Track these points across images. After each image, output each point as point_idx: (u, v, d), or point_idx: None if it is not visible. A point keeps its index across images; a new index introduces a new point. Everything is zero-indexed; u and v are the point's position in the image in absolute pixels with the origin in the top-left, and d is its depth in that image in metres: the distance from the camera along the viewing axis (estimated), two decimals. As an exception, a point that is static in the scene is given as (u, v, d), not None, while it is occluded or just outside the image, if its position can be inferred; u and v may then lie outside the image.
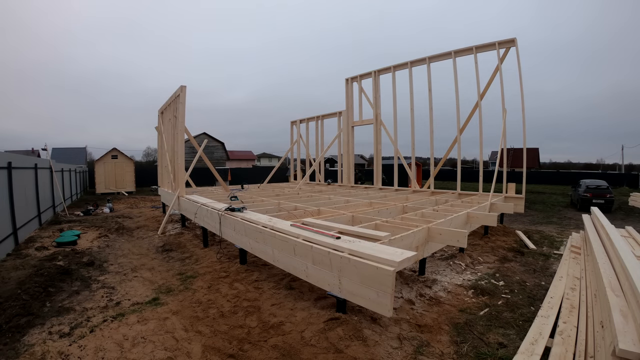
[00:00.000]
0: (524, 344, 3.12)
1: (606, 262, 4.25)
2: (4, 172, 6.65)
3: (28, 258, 6.16)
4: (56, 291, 4.60)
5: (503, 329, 3.67)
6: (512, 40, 8.68)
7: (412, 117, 10.52)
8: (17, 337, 3.41)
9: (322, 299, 4.20)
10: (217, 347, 3.25)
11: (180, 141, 9.10)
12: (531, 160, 45.47)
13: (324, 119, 14.23)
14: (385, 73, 11.41)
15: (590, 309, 3.67)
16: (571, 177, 29.03)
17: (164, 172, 11.38)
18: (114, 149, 21.32)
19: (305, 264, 3.88)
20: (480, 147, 9.59)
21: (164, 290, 4.74)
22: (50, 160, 11.95)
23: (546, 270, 5.71)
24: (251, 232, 4.96)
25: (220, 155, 42.89)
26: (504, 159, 9.36)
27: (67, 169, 14.88)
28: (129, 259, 6.28)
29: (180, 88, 8.64)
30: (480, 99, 9.36)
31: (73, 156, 31.89)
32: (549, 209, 14.58)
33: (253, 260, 5.82)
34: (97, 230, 8.86)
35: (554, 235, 8.73)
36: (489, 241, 7.53)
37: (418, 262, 5.23)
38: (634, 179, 29.69)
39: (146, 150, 61.65)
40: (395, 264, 2.99)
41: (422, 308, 4.14)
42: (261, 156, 68.90)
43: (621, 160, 40.81)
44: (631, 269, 3.09)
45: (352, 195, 9.24)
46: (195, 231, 8.50)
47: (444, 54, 9.90)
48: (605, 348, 2.58)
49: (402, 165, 11.11)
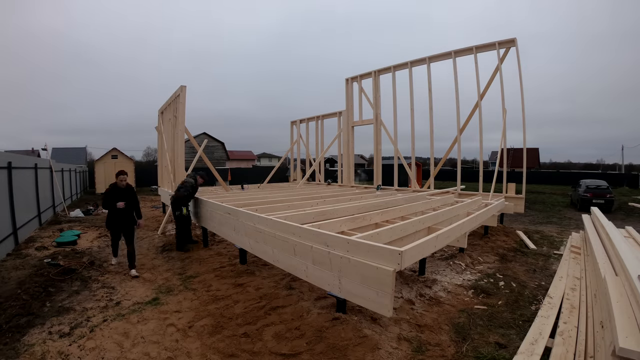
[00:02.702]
0: (524, 344, 3.12)
1: (606, 262, 4.25)
2: (4, 172, 6.66)
3: (28, 258, 6.17)
4: (56, 291, 4.60)
5: (503, 329, 3.67)
6: (512, 40, 8.68)
7: (412, 117, 10.52)
8: (17, 337, 3.41)
9: (322, 299, 4.20)
10: (217, 347, 3.25)
11: (180, 141, 9.10)
12: (531, 160, 45.48)
13: (324, 119, 14.22)
14: (385, 73, 11.41)
15: (590, 309, 3.68)
16: (571, 177, 29.00)
17: (164, 172, 11.38)
18: (114, 149, 21.33)
19: (305, 264, 3.88)
20: (480, 147, 9.59)
21: (164, 290, 4.74)
22: (50, 160, 11.95)
23: (546, 270, 5.71)
24: (251, 232, 4.96)
25: (220, 155, 42.91)
26: (504, 159, 9.36)
27: (67, 169, 14.89)
28: (129, 259, 6.27)
29: (180, 88, 8.64)
30: (480, 99, 9.36)
31: (73, 156, 31.89)
32: (549, 209, 14.58)
33: (253, 260, 5.82)
34: (97, 230, 8.86)
35: (554, 235, 8.73)
36: (489, 241, 7.53)
37: (418, 262, 5.24)
38: (634, 179, 29.68)
39: (146, 150, 61.65)
40: (395, 264, 2.99)
41: (422, 308, 4.14)
42: (261, 156, 68.92)
43: (621, 160, 40.83)
44: (631, 269, 3.09)
45: (355, 197, 9.23)
46: (195, 231, 8.49)
47: (444, 54, 9.90)
48: (605, 348, 2.58)
49: (402, 165, 11.12)
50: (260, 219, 4.76)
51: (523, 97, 8.61)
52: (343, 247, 3.41)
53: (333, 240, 3.55)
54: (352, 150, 13.08)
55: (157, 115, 12.75)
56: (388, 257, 3.05)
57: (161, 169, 12.97)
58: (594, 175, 30.20)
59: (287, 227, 4.19)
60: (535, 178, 33.00)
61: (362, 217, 5.25)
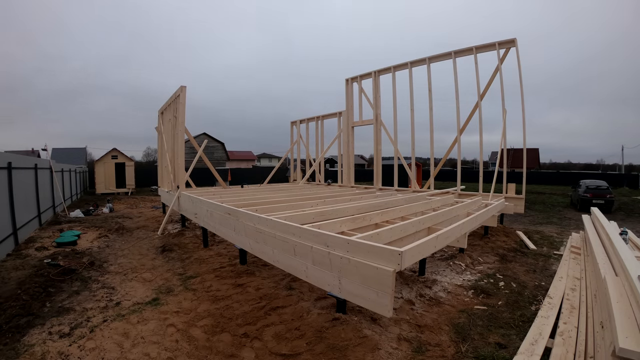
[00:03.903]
0: (524, 344, 3.12)
1: (606, 263, 4.25)
2: (4, 172, 6.66)
3: (28, 258, 6.17)
4: (56, 291, 4.60)
5: (503, 329, 3.67)
6: (512, 41, 8.69)
7: (412, 117, 10.53)
8: (17, 337, 3.41)
9: (322, 299, 4.20)
10: (217, 347, 3.26)
11: (180, 141, 9.11)
12: (531, 160, 45.48)
13: (324, 119, 14.23)
14: (385, 73, 11.41)
15: (590, 310, 3.68)
16: (571, 178, 29.02)
17: (164, 172, 11.38)
18: (114, 149, 21.32)
19: (305, 264, 3.88)
20: (481, 148, 9.59)
21: (164, 290, 4.74)
22: (50, 160, 11.95)
23: (546, 271, 5.71)
24: (251, 232, 4.96)
25: (220, 156, 42.92)
26: (504, 159, 9.36)
27: (67, 169, 14.89)
28: (129, 259, 6.28)
29: (180, 88, 8.64)
30: (480, 99, 9.36)
31: (73, 156, 31.88)
32: (549, 209, 14.58)
33: (253, 260, 5.83)
34: (97, 231, 8.86)
35: (554, 236, 8.73)
36: (489, 241, 7.53)
37: (418, 262, 5.24)
38: (634, 179, 29.67)
39: (146, 150, 61.67)
40: (395, 265, 2.99)
41: (422, 308, 4.14)
42: (261, 156, 68.93)
43: (621, 160, 40.84)
44: (631, 269, 3.09)
45: (355, 197, 9.23)
46: (196, 231, 8.49)
47: (444, 54, 9.91)
48: (605, 348, 2.58)
49: (402, 165, 11.12)
50: (260, 219, 4.76)
51: (523, 97, 8.62)
52: (343, 248, 3.41)
53: (333, 240, 3.54)
54: (352, 151, 13.08)
55: (157, 115, 12.76)
56: (388, 258, 3.05)
57: (161, 169, 12.97)
58: (594, 176, 30.22)
59: (287, 227, 4.19)
60: (535, 178, 33.01)
61: (362, 218, 5.25)
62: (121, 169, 21.21)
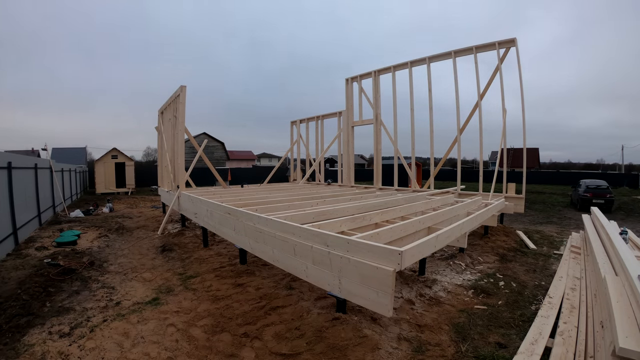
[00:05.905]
0: (524, 344, 3.12)
1: (606, 262, 4.25)
2: (4, 172, 6.66)
3: (28, 258, 6.16)
4: (56, 291, 4.60)
5: (503, 329, 3.67)
6: (512, 40, 8.68)
7: (412, 117, 10.52)
8: (17, 337, 3.41)
9: (322, 299, 4.20)
10: (217, 347, 3.26)
11: (180, 141, 9.10)
12: (531, 160, 45.51)
13: (324, 119, 14.23)
14: (385, 73, 11.41)
15: (590, 309, 3.68)
16: (571, 177, 29.03)
17: (164, 172, 11.38)
18: (114, 149, 21.32)
19: (305, 264, 3.88)
20: (481, 147, 9.58)
21: (164, 290, 4.74)
22: (50, 160, 11.95)
23: (546, 270, 5.71)
24: (251, 232, 4.96)
25: (220, 155, 42.93)
26: (504, 159, 9.36)
27: (67, 169, 14.88)
28: (129, 259, 6.28)
29: (180, 88, 8.64)
30: (480, 99, 9.35)
31: (73, 156, 31.85)
32: (549, 209, 14.59)
33: (253, 260, 5.83)
34: (97, 230, 8.86)
35: (554, 235, 8.74)
36: (489, 241, 7.53)
37: (418, 262, 5.24)
38: (634, 179, 29.67)
39: (146, 150, 61.63)
40: (395, 264, 2.99)
41: (422, 308, 4.14)
42: (261, 156, 68.93)
43: (621, 160, 40.86)
44: (631, 269, 3.09)
45: (355, 197, 9.24)
46: (195, 231, 8.49)
47: (444, 54, 9.90)
48: (605, 348, 2.58)
49: (402, 165, 11.12)
50: (260, 219, 4.76)
51: (523, 97, 8.61)
52: (343, 247, 3.41)
53: (333, 240, 3.54)
54: (352, 150, 13.08)
55: (157, 115, 12.75)
56: (388, 257, 3.05)
57: (161, 169, 12.97)
58: (594, 175, 30.23)
59: (287, 227, 4.19)
60: (535, 178, 33.01)
61: (362, 217, 5.25)
62: (121, 169, 21.22)
